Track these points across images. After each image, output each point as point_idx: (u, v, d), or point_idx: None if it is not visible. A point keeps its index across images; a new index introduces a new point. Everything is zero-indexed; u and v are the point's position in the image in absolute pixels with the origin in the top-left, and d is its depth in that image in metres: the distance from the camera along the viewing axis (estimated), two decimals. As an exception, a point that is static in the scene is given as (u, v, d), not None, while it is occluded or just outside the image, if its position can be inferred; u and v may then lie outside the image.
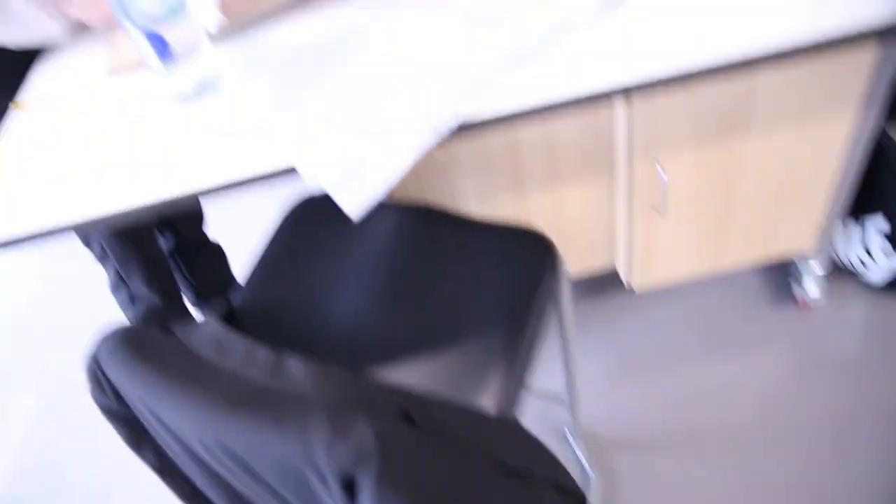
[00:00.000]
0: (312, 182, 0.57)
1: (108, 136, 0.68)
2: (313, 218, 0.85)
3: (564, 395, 1.25)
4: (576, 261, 1.30)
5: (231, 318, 0.88)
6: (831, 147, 1.07)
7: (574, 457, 1.25)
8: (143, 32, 0.63)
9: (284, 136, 0.59)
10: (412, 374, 0.72)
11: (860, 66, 0.93)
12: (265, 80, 0.65)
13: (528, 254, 0.82)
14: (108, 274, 1.25)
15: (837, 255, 1.37)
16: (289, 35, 0.72)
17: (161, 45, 0.63)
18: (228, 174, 0.60)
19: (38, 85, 0.81)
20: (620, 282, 1.37)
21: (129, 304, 1.28)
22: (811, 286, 1.34)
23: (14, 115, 0.77)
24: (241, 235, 1.32)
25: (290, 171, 0.59)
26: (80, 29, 0.88)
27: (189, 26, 0.64)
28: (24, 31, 0.84)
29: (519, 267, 0.82)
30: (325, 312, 0.86)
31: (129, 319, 1.30)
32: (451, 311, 0.81)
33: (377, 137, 0.57)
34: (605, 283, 1.49)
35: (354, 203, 0.55)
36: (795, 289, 1.39)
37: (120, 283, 1.25)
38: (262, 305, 0.90)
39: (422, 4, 0.67)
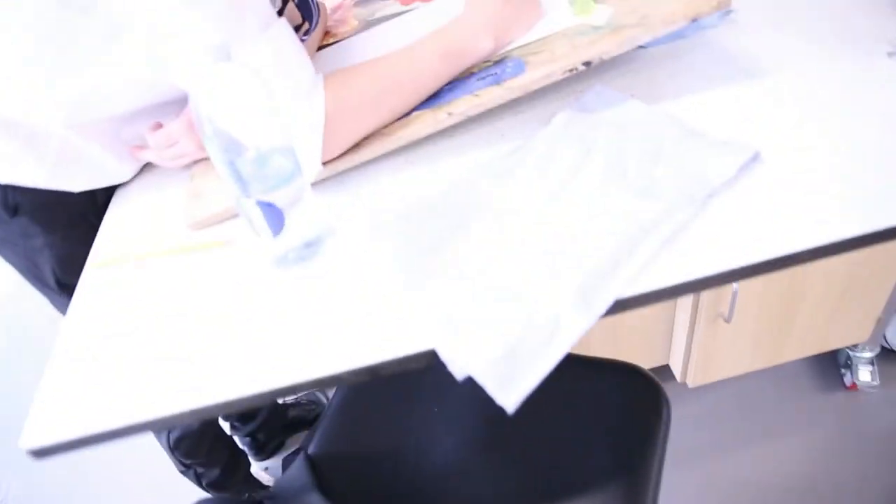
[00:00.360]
0: (459, 372, 0.52)
1: (197, 309, 0.62)
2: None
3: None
4: (626, 359, 1.26)
5: (310, 469, 0.81)
6: (898, 249, 1.06)
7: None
8: (258, 204, 0.59)
9: (419, 315, 0.55)
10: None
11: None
12: (383, 245, 0.61)
13: (638, 398, 0.78)
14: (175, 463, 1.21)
15: (887, 340, 1.37)
16: (392, 186, 0.69)
17: (276, 216, 0.59)
18: (351, 358, 0.55)
19: (110, 234, 0.76)
20: (670, 371, 1.34)
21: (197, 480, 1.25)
22: (861, 371, 1.33)
23: (91, 274, 0.71)
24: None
25: (425, 355, 0.54)
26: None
27: (298, 187, 0.60)
28: (93, 177, 0.80)
29: (630, 413, 0.77)
30: (416, 464, 0.80)
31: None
32: (559, 461, 0.76)
33: (530, 321, 0.53)
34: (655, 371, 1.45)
35: (510, 396, 0.51)
36: (845, 373, 1.37)
37: (186, 470, 1.23)
38: (343, 456, 0.84)
39: (532, 163, 0.64)
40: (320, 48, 0.89)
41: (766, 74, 0.72)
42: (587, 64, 0.67)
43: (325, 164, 0.67)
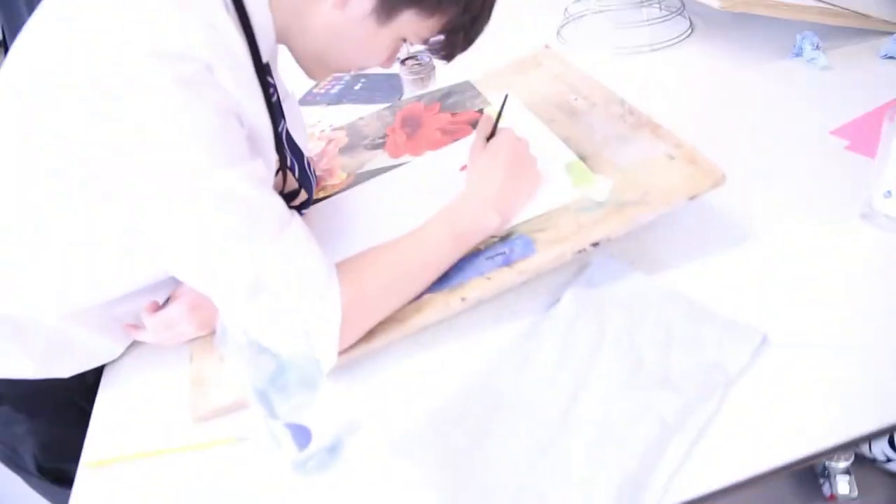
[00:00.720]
0: None
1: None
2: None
3: None
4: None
5: None
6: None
7: None
8: (286, 426, 0.57)
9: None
10: None
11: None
12: (408, 462, 0.59)
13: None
14: None
15: (864, 450, 1.40)
16: (405, 375, 0.68)
17: (303, 435, 0.57)
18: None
19: (103, 424, 0.72)
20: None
21: None
22: (839, 482, 1.36)
23: (85, 476, 0.67)
24: None
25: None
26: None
27: (320, 395, 0.59)
28: (84, 361, 0.76)
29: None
30: None
31: None
32: None
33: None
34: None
35: None
36: (823, 483, 1.40)
37: None
38: None
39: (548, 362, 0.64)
40: (321, 199, 0.89)
41: (755, 238, 0.76)
42: (595, 244, 0.69)
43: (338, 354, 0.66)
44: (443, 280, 0.70)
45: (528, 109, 0.91)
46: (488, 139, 0.77)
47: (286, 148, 0.73)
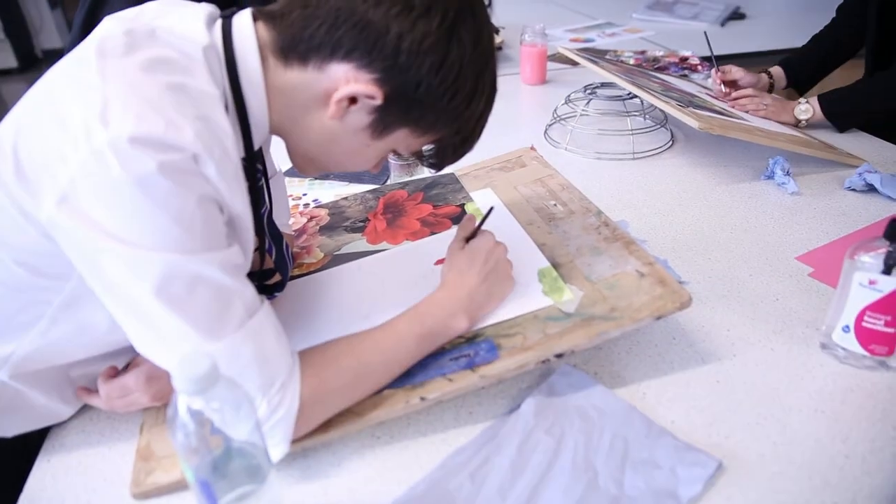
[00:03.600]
0: None
1: None
2: None
3: None
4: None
5: None
6: None
7: None
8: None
9: None
10: None
11: None
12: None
13: None
14: None
15: None
16: (360, 469, 0.66)
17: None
18: None
19: (37, 492, 0.68)
20: None
21: None
22: None
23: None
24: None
25: None
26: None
27: (268, 487, 0.57)
28: (30, 421, 0.73)
29: None
30: None
31: None
32: None
33: None
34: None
35: None
36: None
37: None
38: None
39: None
40: (297, 277, 0.89)
41: (717, 359, 0.77)
42: (559, 356, 0.69)
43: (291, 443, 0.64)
44: (405, 377, 0.69)
45: (507, 210, 0.93)
46: (468, 240, 0.77)
47: (265, 231, 0.74)
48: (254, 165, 0.66)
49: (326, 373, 0.64)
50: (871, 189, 1.13)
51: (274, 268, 0.78)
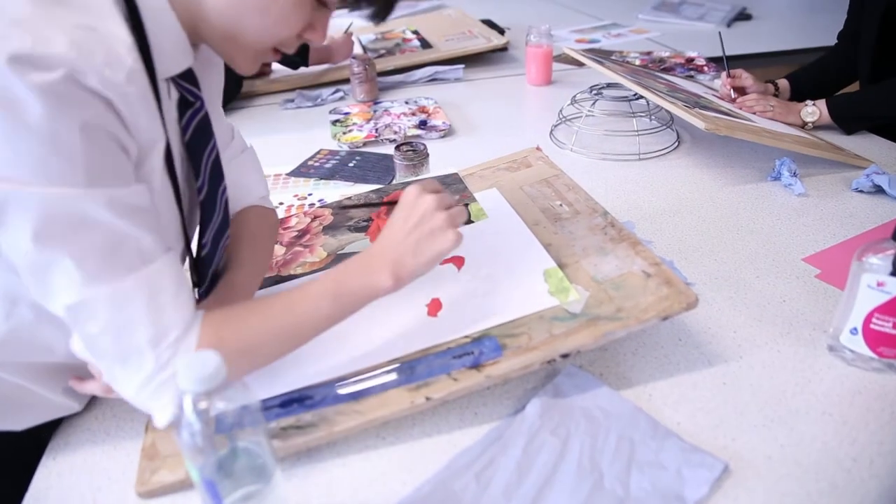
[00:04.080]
0: None
1: None
2: None
3: None
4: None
5: None
6: None
7: None
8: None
9: None
10: None
11: None
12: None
13: None
14: None
15: None
16: (365, 469, 0.66)
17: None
18: None
19: (43, 490, 0.68)
20: None
21: None
22: None
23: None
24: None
25: None
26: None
27: (271, 487, 0.57)
28: (39, 414, 0.73)
29: None
30: None
31: None
32: None
33: None
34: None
35: None
36: None
37: None
38: None
39: None
40: (299, 276, 0.88)
41: (724, 360, 0.77)
42: (565, 356, 0.68)
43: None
44: (409, 375, 0.69)
45: (513, 209, 0.93)
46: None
47: (204, 167, 0.69)
48: (181, 85, 0.63)
49: (227, 331, 0.61)
50: (878, 190, 1.12)
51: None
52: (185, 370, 0.49)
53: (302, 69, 1.88)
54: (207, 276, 0.73)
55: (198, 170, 0.69)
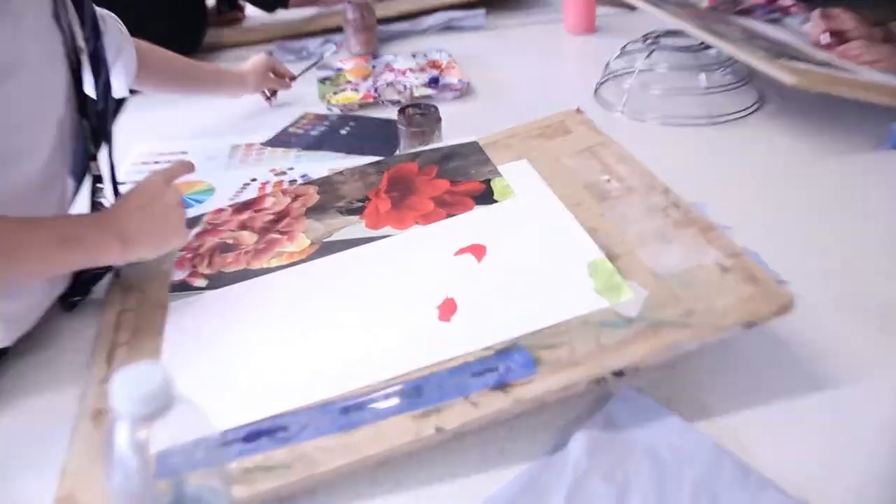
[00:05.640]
0: None
1: None
2: None
3: None
4: None
5: None
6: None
7: None
8: None
9: None
10: None
11: None
12: None
13: None
14: None
15: None
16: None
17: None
18: None
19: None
20: None
21: None
22: None
23: None
24: None
25: None
26: None
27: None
28: None
29: None
30: None
31: None
32: None
33: None
34: None
35: None
36: None
37: None
38: None
39: None
40: (274, 269, 0.89)
41: (834, 385, 0.72)
42: (619, 374, 0.66)
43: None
44: (414, 398, 0.67)
45: (547, 186, 0.92)
46: None
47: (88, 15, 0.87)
48: None
49: None
50: None
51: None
52: (120, 387, 0.48)
53: (281, 13, 1.89)
54: (110, 133, 0.93)
55: (83, 20, 0.84)
